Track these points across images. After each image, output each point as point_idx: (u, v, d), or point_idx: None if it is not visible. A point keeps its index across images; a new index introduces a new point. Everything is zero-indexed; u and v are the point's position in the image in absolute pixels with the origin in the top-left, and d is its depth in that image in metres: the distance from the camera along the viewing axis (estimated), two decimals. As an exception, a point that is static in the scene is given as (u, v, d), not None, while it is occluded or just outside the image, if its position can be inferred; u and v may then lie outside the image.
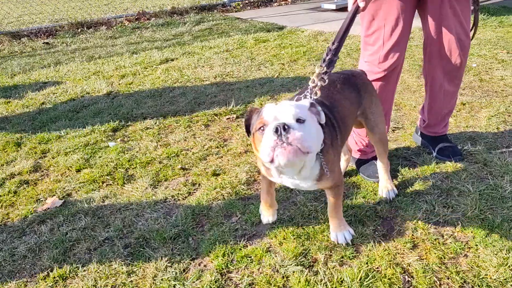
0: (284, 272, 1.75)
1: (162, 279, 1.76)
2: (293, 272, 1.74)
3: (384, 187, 2.17)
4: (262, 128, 1.42)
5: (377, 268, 1.76)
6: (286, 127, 1.33)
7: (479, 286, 1.62)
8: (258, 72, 4.28)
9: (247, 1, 8.89)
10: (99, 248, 1.98)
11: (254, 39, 5.55)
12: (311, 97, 1.63)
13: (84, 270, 1.84)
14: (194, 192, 2.36)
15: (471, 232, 1.89)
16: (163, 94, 3.87)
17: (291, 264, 1.78)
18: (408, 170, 2.40)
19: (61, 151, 2.91)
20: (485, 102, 3.19)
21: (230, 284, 1.72)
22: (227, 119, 3.27)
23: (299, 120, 1.39)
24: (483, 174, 2.30)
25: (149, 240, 2.00)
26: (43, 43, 6.25)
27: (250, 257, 1.85)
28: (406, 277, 1.70)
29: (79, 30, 6.96)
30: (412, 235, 1.92)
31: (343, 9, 7.52)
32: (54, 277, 1.81)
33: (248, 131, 1.60)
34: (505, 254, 1.73)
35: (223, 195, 2.30)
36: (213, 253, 1.88)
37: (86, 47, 5.84)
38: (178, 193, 2.34)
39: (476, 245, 1.82)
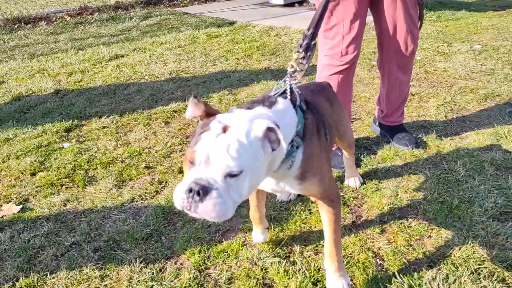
0: (262, 264, 1.77)
1: (138, 281, 1.71)
2: (271, 263, 1.77)
3: (351, 177, 2.25)
4: (190, 161, 1.17)
5: (351, 254, 1.82)
6: (201, 191, 1.10)
7: (444, 264, 1.73)
8: (214, 67, 4.25)
9: (194, -4, 8.78)
10: (67, 253, 1.88)
11: (206, 34, 5.50)
12: (290, 83, 1.49)
13: (53, 278, 1.75)
14: (162, 191, 2.31)
15: (433, 214, 2.01)
16: (117, 91, 3.74)
17: (268, 256, 1.80)
18: (370, 159, 2.50)
19: (12, 155, 2.73)
20: (432, 93, 3.39)
21: (209, 280, 1.71)
22: (187, 115, 3.22)
23: (231, 175, 1.13)
24: (438, 160, 2.46)
25: (120, 242, 1.93)
26: (-24, 39, 5.81)
27: (227, 252, 1.85)
28: (378, 260, 1.78)
29: (16, 26, 6.53)
30: (380, 220, 2.01)
31: (291, 4, 7.65)
32: (21, 287, 1.70)
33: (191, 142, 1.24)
34: (466, 233, 1.87)
35: (192, 192, 2.27)
36: (188, 251, 1.85)
37: (26, 44, 5.50)
38: (145, 192, 2.29)
39: (438, 226, 1.94)
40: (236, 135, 1.14)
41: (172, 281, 1.71)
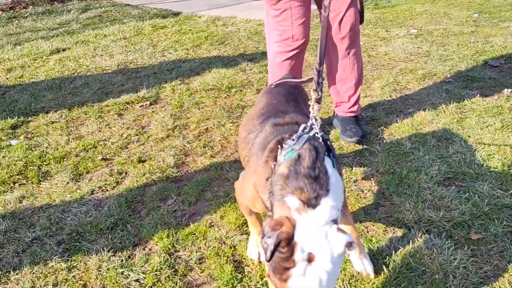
0: (231, 243, 1.82)
1: (108, 269, 1.70)
2: (240, 241, 1.82)
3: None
4: None
5: (313, 226, 1.92)
6: None
7: (399, 227, 1.88)
8: (163, 58, 4.20)
9: (134, -12, 8.53)
10: (28, 249, 1.83)
11: (152, 25, 5.40)
12: (319, 133, 1.35)
13: (17, 274, 1.70)
14: (123, 181, 2.29)
15: (385, 185, 2.16)
16: (62, 85, 3.60)
17: (236, 235, 1.86)
18: (324, 138, 2.61)
19: (-46, 155, 2.57)
20: (376, 75, 3.58)
21: (180, 262, 1.74)
22: (140, 106, 3.18)
23: None
24: (386, 135, 2.62)
25: (84, 234, 1.90)
26: None
27: (195, 234, 1.88)
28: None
29: None
30: (338, 193, 2.12)
31: (235, -6, 7.65)
32: (-18, 287, 1.64)
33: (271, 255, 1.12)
34: (415, 199, 2.03)
35: (153, 180, 2.27)
36: (156, 236, 1.86)
37: (-46, 40, 5.11)
38: (105, 184, 2.25)
39: (391, 195, 2.09)
40: (324, 265, 1.09)
41: (143, 266, 1.72)
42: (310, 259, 1.09)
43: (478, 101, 2.95)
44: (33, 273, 1.70)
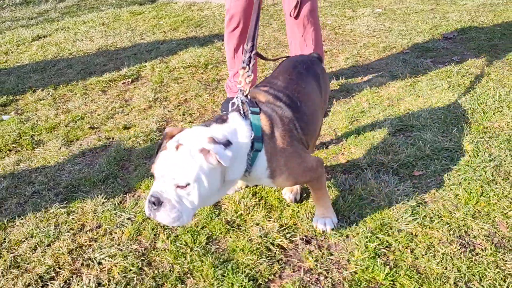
0: (209, 187, 2.09)
1: (102, 211, 1.96)
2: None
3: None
4: (152, 175, 1.47)
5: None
6: (155, 203, 1.35)
7: (354, 169, 2.18)
8: (142, 40, 4.42)
9: (110, -23, 8.63)
10: (30, 200, 2.07)
11: (129, 12, 5.58)
12: (242, 98, 1.58)
13: (21, 219, 1.94)
14: (111, 144, 2.53)
15: (344, 138, 2.46)
16: (46, 68, 3.79)
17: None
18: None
19: (-50, 129, 2.76)
20: (341, 49, 3.88)
21: (165, 204, 2.00)
22: (122, 83, 3.41)
23: (179, 186, 1.35)
24: (348, 98, 2.92)
25: (79, 186, 2.15)
26: None
27: (177, 182, 2.15)
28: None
29: None
30: (303, 146, 2.42)
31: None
32: (-8, 229, 1.88)
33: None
34: (369, 146, 2.33)
35: (139, 143, 2.52)
36: (144, 185, 2.12)
37: None
38: (95, 147, 2.49)
39: (349, 146, 2.39)
40: (183, 153, 1.35)
41: (133, 208, 1.98)
42: (177, 147, 1.37)
43: (431, 67, 3.28)
44: (36, 217, 1.94)
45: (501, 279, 1.53)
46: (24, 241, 1.82)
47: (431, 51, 3.64)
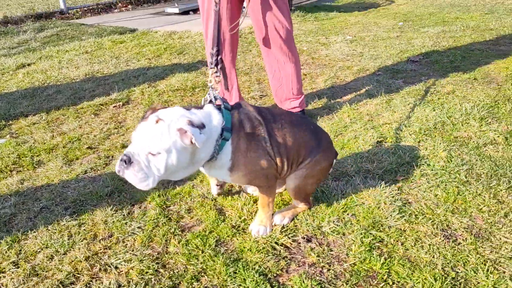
0: (212, 197, 2.24)
1: (113, 222, 2.06)
2: (218, 195, 2.25)
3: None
4: (129, 140, 1.65)
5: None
6: (127, 161, 1.53)
7: (343, 177, 2.38)
8: (128, 67, 4.57)
9: (86, 8, 8.80)
10: (39, 215, 2.14)
11: (111, 41, 5.73)
12: (214, 94, 1.78)
13: (34, 232, 2.01)
14: (111, 162, 2.64)
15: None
16: (35, 94, 3.87)
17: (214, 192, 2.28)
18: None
19: None
20: (319, 72, 4.17)
21: (172, 213, 2.13)
22: (113, 107, 3.53)
23: (151, 153, 1.53)
24: (330, 115, 3.16)
25: (86, 201, 2.25)
26: None
27: (181, 193, 2.28)
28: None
29: None
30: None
31: (186, 12, 8.14)
32: (7, 242, 1.94)
33: None
34: (355, 157, 2.55)
35: (138, 160, 2.64)
36: (149, 197, 2.25)
37: None
38: (96, 165, 2.60)
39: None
40: (162, 127, 1.53)
41: (142, 217, 2.10)
42: (157, 122, 1.54)
43: (402, 87, 3.59)
44: (48, 230, 2.02)
45: (482, 263, 1.74)
46: (39, 251, 1.89)
47: (401, 72, 3.98)
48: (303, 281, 1.69)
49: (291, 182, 1.94)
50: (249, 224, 2.02)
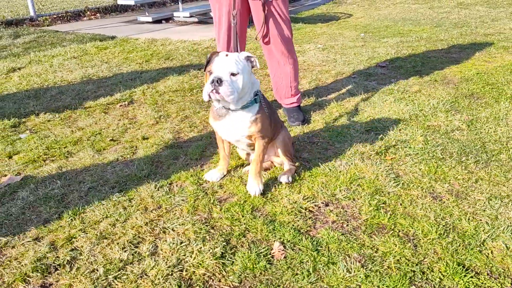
0: (238, 175, 2.62)
1: (159, 196, 2.39)
2: (244, 173, 2.63)
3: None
4: (210, 72, 2.16)
5: (288, 163, 2.80)
6: (219, 81, 2.06)
7: (343, 158, 2.84)
8: (121, 71, 4.82)
9: (55, 16, 8.83)
10: (89, 194, 2.42)
11: (95, 47, 5.93)
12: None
13: (90, 206, 2.30)
14: (137, 151, 2.94)
15: (328, 138, 3.13)
16: (39, 95, 4.04)
17: (239, 170, 2.66)
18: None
19: (-25, 146, 2.96)
20: (301, 75, 4.66)
21: (207, 188, 2.49)
22: (120, 106, 3.81)
23: (232, 74, 2.11)
24: (321, 110, 3.64)
25: (128, 182, 2.55)
26: None
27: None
28: (305, 161, 2.80)
29: None
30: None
31: (158, 21, 8.42)
32: (69, 215, 2.21)
33: (206, 66, 2.22)
34: (350, 142, 3.03)
35: (162, 149, 2.97)
36: (183, 178, 2.58)
37: None
38: (125, 153, 2.89)
39: (333, 142, 3.06)
40: (233, 57, 2.16)
41: (181, 193, 2.43)
42: (226, 55, 2.17)
43: (377, 87, 4.16)
44: (102, 204, 2.31)
45: (463, 214, 2.25)
46: (101, 221, 2.19)
47: (373, 75, 4.56)
48: (329, 233, 2.11)
49: (278, 140, 2.57)
50: (276, 195, 2.42)
